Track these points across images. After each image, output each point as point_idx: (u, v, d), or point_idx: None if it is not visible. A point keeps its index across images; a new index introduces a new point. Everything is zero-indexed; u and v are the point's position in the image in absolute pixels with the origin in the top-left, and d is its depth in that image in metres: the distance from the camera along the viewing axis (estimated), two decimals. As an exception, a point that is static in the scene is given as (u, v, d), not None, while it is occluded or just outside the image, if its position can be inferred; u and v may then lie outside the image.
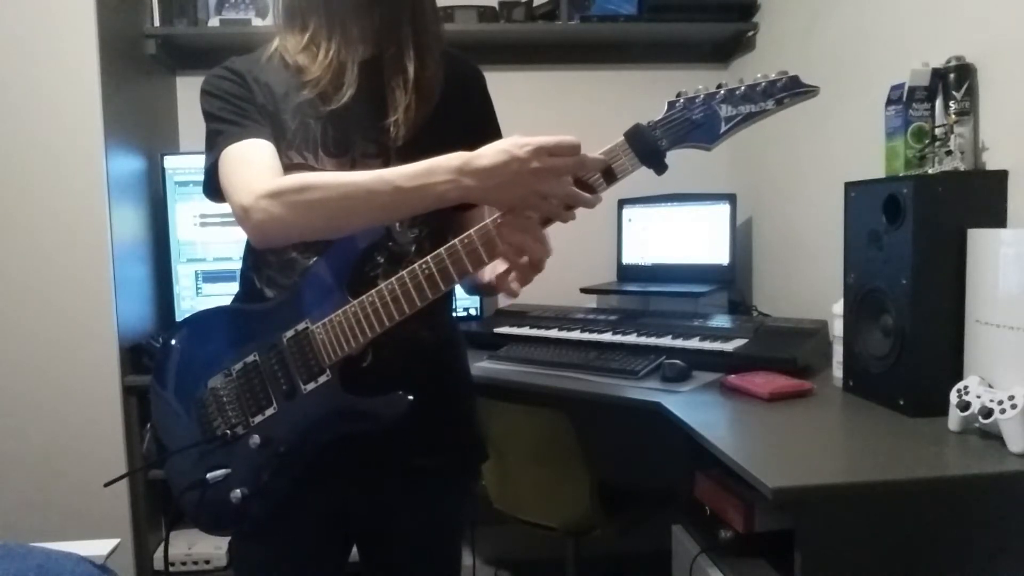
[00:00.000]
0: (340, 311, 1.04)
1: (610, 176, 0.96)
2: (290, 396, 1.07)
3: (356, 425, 1.06)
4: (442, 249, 0.99)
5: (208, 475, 1.10)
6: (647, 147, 0.95)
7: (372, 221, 1.02)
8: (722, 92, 0.95)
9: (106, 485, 1.27)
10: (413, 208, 0.99)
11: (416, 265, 1.00)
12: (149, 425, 1.19)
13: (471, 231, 0.98)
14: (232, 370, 1.11)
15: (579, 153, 0.95)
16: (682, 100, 0.96)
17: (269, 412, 1.08)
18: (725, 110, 0.95)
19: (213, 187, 1.11)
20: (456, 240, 0.99)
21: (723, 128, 0.95)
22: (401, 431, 1.05)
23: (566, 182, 0.95)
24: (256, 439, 1.09)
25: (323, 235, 1.05)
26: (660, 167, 0.97)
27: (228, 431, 1.10)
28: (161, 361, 1.18)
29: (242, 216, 1.03)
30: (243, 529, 1.16)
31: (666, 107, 0.97)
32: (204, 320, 1.17)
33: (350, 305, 1.03)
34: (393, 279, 1.01)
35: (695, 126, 0.95)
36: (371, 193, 0.97)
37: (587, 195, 0.96)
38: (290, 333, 1.07)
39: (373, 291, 1.02)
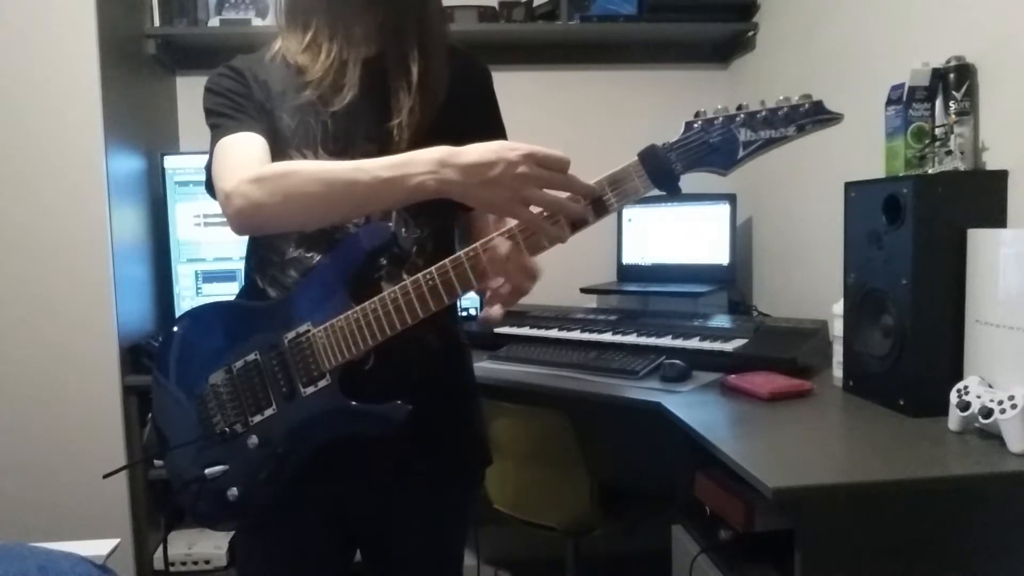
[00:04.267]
0: (342, 316, 1.03)
1: (600, 208, 0.94)
2: (289, 398, 1.07)
3: (355, 431, 1.06)
4: (447, 260, 0.98)
5: (206, 471, 1.10)
6: (661, 170, 0.93)
7: (352, 210, 1.01)
8: (742, 115, 0.91)
9: (105, 476, 1.26)
10: (393, 199, 0.98)
11: (420, 275, 0.99)
12: (150, 416, 1.19)
13: (476, 244, 0.97)
14: (233, 367, 1.10)
15: (568, 168, 0.93)
16: (700, 122, 0.93)
17: (268, 413, 1.08)
18: (744, 134, 0.91)
19: (212, 184, 1.11)
20: (461, 252, 0.98)
21: (741, 154, 0.92)
22: (404, 435, 1.04)
23: (551, 193, 0.93)
24: (254, 439, 1.08)
25: (304, 225, 1.05)
26: (673, 190, 0.94)
27: (227, 429, 1.10)
28: (163, 352, 1.17)
29: (224, 202, 1.03)
30: (239, 526, 1.16)
31: (683, 128, 0.93)
32: (208, 314, 1.16)
33: (352, 311, 1.03)
34: (396, 288, 1.00)
35: (712, 150, 0.92)
36: (350, 181, 0.97)
37: (575, 206, 0.93)
38: (291, 335, 1.07)
39: (376, 299, 1.01)
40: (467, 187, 0.93)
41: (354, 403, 1.05)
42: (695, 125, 0.93)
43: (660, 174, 0.93)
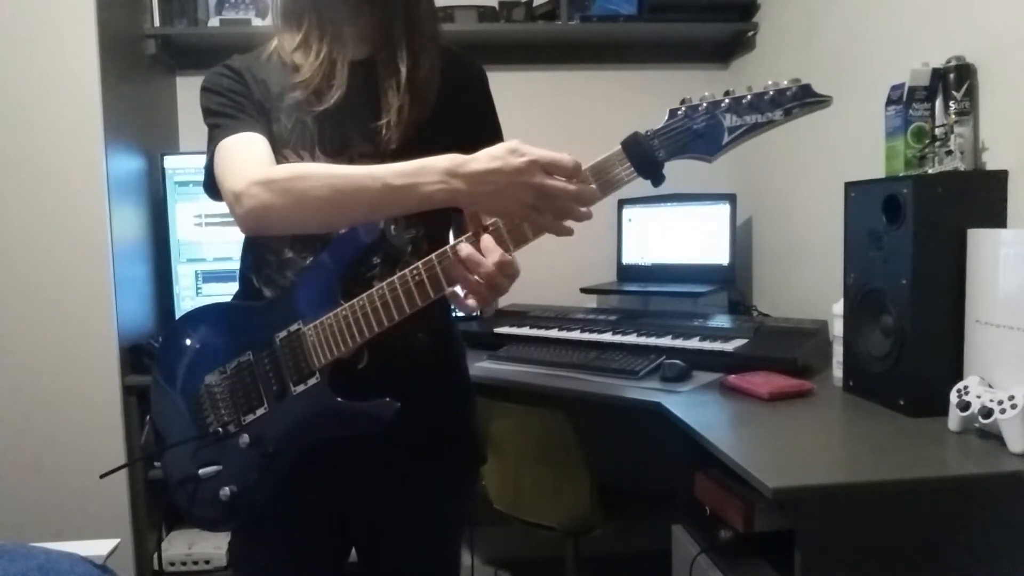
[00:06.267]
0: (332, 314, 1.03)
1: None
2: (280, 397, 1.07)
3: (344, 429, 1.06)
4: (433, 256, 0.98)
5: (200, 471, 1.10)
6: (644, 157, 0.92)
7: (361, 216, 1.01)
8: (727, 101, 0.90)
9: (102, 476, 1.27)
10: (401, 206, 0.98)
11: (407, 271, 0.99)
12: (148, 417, 1.19)
13: (463, 237, 0.97)
14: (227, 367, 1.11)
15: (579, 173, 0.91)
16: (684, 108, 0.92)
17: (260, 412, 1.08)
18: (729, 120, 0.90)
19: (212, 184, 1.10)
20: (448, 247, 0.97)
21: (726, 139, 0.90)
22: (398, 433, 1.04)
23: (557, 198, 0.92)
24: (245, 438, 1.09)
25: (313, 228, 1.05)
26: (657, 179, 0.93)
27: (220, 428, 1.10)
28: (161, 355, 1.18)
29: (233, 202, 1.02)
30: (234, 527, 1.16)
31: (667, 115, 0.92)
32: (206, 315, 1.17)
33: (341, 308, 1.03)
34: (384, 284, 1.00)
35: (696, 136, 0.91)
36: (360, 188, 0.96)
37: (581, 210, 0.93)
38: (283, 333, 1.07)
39: (364, 295, 1.01)
40: (474, 196, 0.93)
41: (339, 399, 1.05)
42: (679, 112, 0.92)
43: (644, 162, 0.92)
